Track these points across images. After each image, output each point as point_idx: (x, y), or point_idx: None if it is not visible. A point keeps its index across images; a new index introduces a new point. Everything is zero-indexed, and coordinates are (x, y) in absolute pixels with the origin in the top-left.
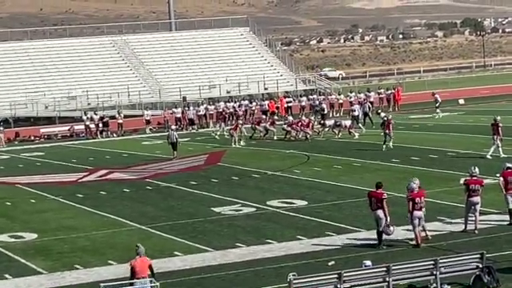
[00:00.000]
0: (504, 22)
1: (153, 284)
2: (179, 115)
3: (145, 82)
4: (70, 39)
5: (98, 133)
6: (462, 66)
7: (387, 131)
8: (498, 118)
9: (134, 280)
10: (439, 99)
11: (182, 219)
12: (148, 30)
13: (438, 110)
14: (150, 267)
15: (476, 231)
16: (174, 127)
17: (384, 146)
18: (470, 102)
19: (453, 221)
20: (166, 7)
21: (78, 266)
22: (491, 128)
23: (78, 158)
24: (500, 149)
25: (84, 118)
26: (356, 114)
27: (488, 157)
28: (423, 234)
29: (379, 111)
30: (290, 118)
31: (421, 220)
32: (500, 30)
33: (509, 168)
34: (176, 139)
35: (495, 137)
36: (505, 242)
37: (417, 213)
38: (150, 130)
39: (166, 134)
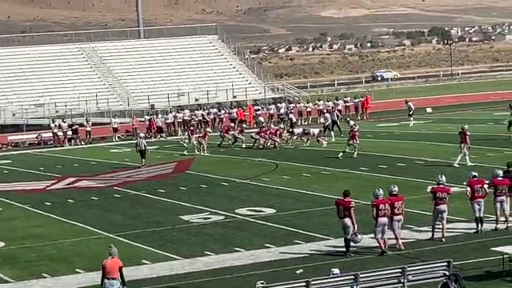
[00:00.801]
0: (471, 31)
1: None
2: (148, 123)
3: (113, 89)
4: (38, 46)
5: (66, 140)
6: (430, 75)
7: (351, 141)
8: (466, 126)
9: (105, 280)
10: (412, 107)
11: (150, 227)
12: (116, 37)
13: (411, 118)
14: (120, 269)
15: (443, 239)
16: (142, 135)
17: (341, 154)
18: (438, 111)
19: (420, 229)
20: (134, 15)
21: (45, 275)
22: (459, 136)
23: (46, 166)
24: (467, 157)
25: (52, 125)
26: (328, 122)
27: (455, 165)
28: (392, 242)
29: (348, 119)
30: (261, 118)
31: (385, 227)
32: (467, 39)
33: (475, 176)
34: (144, 147)
35: (462, 145)
36: (471, 250)
37: (381, 219)
38: (119, 137)
39: (135, 141)
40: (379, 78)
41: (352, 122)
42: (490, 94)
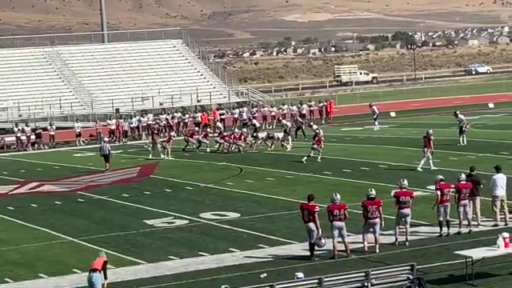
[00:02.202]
0: (434, 36)
1: (99, 278)
2: (113, 127)
3: (77, 93)
4: (1, 50)
5: (30, 145)
6: (394, 79)
7: (316, 145)
8: (431, 131)
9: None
10: (377, 111)
11: (114, 232)
12: (80, 41)
13: (376, 122)
14: (105, 264)
15: (407, 243)
16: (106, 139)
17: (305, 158)
18: (401, 115)
19: (384, 233)
20: (98, 19)
21: (8, 280)
22: (423, 140)
23: (9, 170)
24: (431, 161)
25: (15, 129)
26: (287, 127)
27: (419, 169)
28: (358, 245)
29: (311, 123)
30: (219, 124)
31: (341, 230)
32: (430, 44)
33: (442, 180)
34: (108, 151)
35: (426, 149)
36: (434, 254)
37: (336, 223)
38: (83, 141)
39: (99, 146)
40: (473, 72)
41: (315, 127)
42: (453, 99)
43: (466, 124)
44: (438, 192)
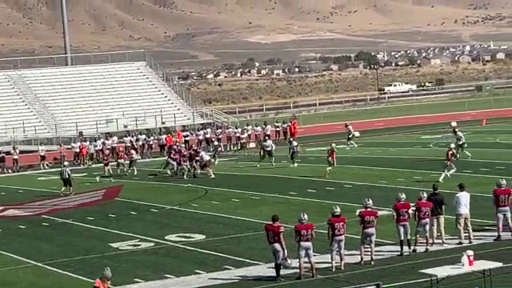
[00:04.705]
0: (397, 56)
1: None
2: (77, 150)
3: (41, 116)
4: None
5: None
6: (357, 99)
7: (330, 158)
8: (452, 145)
9: None
10: (352, 131)
11: (79, 255)
12: (44, 64)
13: (351, 142)
14: None
15: (372, 262)
16: (66, 163)
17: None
18: (366, 135)
19: (349, 252)
20: (61, 42)
21: None
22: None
23: None
24: (445, 173)
25: None
26: (269, 148)
27: (441, 180)
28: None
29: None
30: (174, 147)
31: (308, 250)
32: (393, 63)
33: (400, 200)
34: (68, 175)
35: (448, 162)
36: (400, 273)
37: (304, 244)
38: (47, 165)
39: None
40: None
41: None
42: (417, 118)
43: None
44: (394, 212)
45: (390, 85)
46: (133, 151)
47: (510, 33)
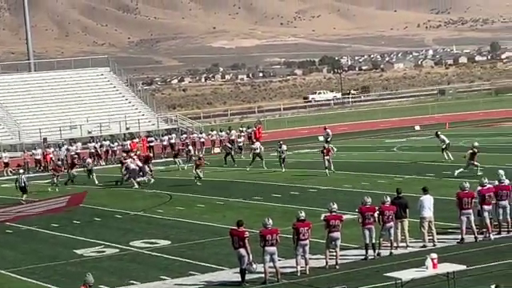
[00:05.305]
0: (360, 60)
1: None
2: (38, 157)
3: (3, 123)
4: None
5: None
6: (322, 104)
7: (326, 156)
8: (476, 143)
9: None
10: (330, 134)
11: (44, 262)
12: (6, 70)
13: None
14: None
15: (337, 266)
16: (21, 171)
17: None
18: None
19: (314, 257)
20: (24, 48)
21: None
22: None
23: None
24: (459, 170)
25: None
26: (257, 151)
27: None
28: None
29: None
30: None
31: (273, 255)
32: (357, 68)
33: (365, 203)
34: (24, 183)
35: (471, 161)
36: (365, 277)
37: (269, 248)
38: (10, 172)
39: (15, 177)
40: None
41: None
42: (380, 122)
43: (448, 143)
44: (359, 215)
45: (315, 92)
46: (89, 159)
47: (473, 37)
